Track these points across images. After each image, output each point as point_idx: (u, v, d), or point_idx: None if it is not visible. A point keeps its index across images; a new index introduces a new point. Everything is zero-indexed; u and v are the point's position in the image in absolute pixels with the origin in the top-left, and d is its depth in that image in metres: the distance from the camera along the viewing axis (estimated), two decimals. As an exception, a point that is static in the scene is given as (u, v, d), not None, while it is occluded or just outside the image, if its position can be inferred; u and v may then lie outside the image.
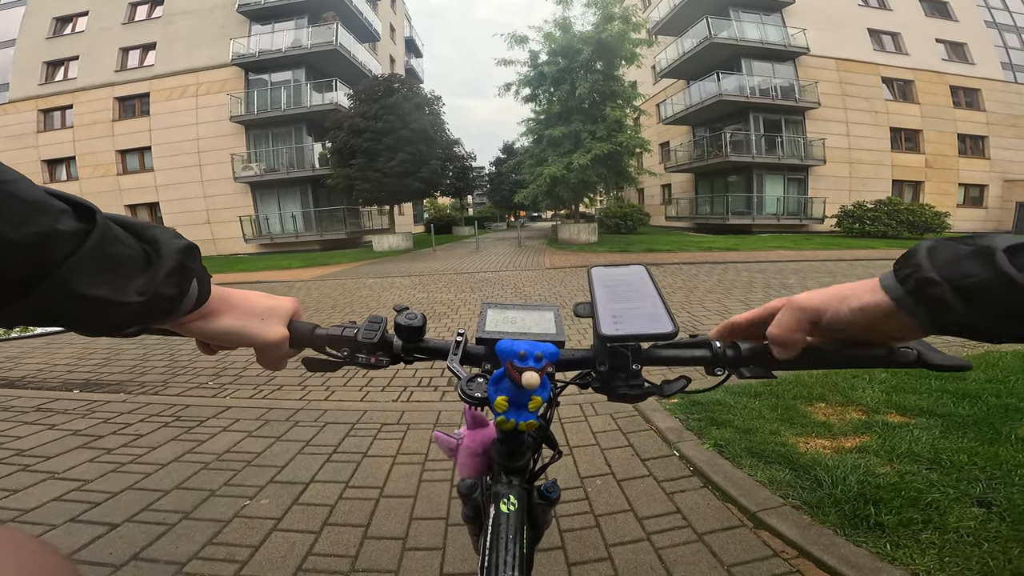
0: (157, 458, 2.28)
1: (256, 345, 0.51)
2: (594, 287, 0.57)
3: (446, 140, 18.47)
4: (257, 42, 18.71)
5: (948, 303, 0.35)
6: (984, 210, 21.17)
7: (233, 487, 2.01)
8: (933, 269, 0.36)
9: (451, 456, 0.77)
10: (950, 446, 1.99)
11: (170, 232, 0.41)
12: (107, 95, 19.67)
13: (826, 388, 2.71)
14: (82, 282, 0.32)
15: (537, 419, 0.52)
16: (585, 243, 15.67)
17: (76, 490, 2.00)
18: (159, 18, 19.42)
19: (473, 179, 35.88)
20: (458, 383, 0.52)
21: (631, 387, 0.53)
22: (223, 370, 3.79)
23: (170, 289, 0.39)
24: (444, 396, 3.05)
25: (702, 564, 1.49)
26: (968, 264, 0.34)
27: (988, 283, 0.33)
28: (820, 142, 19.10)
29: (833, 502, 1.68)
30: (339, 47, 18.23)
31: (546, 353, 0.50)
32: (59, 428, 2.67)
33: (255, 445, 2.39)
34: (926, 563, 1.38)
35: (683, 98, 20.95)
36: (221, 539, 1.66)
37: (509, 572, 0.48)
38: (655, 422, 2.46)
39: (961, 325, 0.36)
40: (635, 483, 1.97)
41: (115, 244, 0.35)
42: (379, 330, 0.56)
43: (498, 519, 0.54)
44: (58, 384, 3.61)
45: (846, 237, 16.24)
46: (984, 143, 21.30)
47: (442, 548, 1.60)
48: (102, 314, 0.35)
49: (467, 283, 8.47)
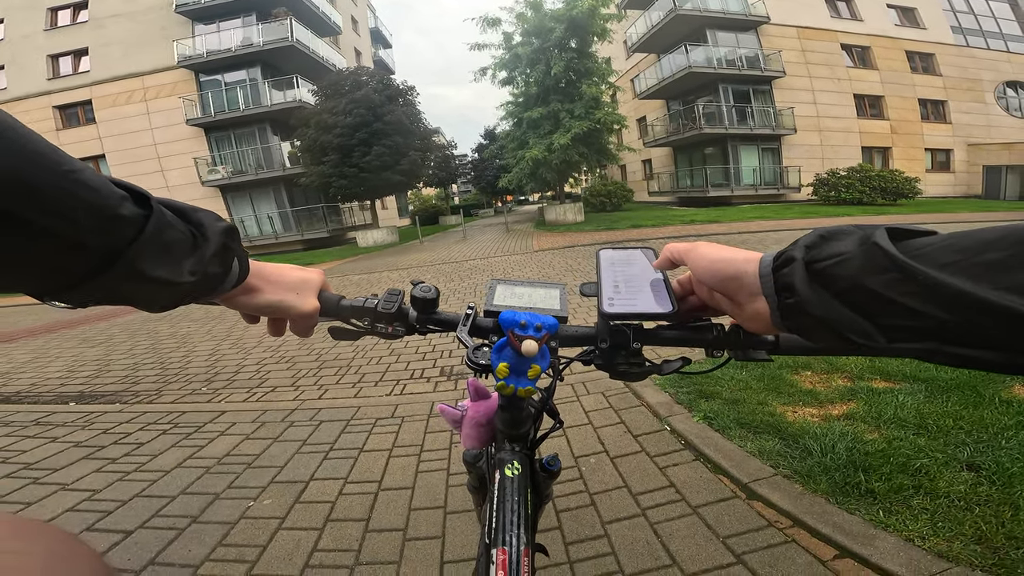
0: (160, 465, 2.30)
1: (292, 317, 0.55)
2: (601, 267, 0.58)
3: (424, 130, 18.03)
4: (203, 42, 17.70)
5: (793, 284, 0.33)
6: (952, 174, 21.53)
7: (236, 489, 2.03)
8: (803, 247, 0.34)
9: (455, 428, 0.80)
10: (935, 411, 2.01)
11: (213, 215, 0.43)
12: (44, 104, 18.47)
13: (811, 356, 2.75)
14: (147, 264, 0.35)
15: (535, 386, 0.54)
16: (572, 223, 15.69)
17: (87, 500, 2.03)
18: (86, 22, 18.12)
19: (456, 167, 35.50)
20: (466, 352, 0.55)
21: (631, 365, 0.54)
22: (215, 375, 3.76)
23: (216, 268, 0.43)
24: (437, 387, 3.06)
25: (697, 537, 1.51)
26: (843, 242, 0.32)
27: (850, 259, 0.30)
28: (789, 111, 19.27)
29: (823, 470, 1.70)
30: (296, 43, 17.47)
31: (546, 324, 0.53)
32: (61, 440, 2.68)
33: (253, 447, 2.41)
34: (919, 528, 1.39)
35: (655, 72, 20.87)
36: (230, 540, 1.69)
37: (515, 531, 0.50)
38: (645, 398, 2.50)
39: (801, 314, 0.33)
40: (628, 460, 2.00)
41: (169, 229, 0.37)
42: (397, 301, 0.59)
43: (503, 483, 0.56)
44: (53, 397, 3.58)
45: (823, 205, 16.48)
46: (944, 107, 21.61)
47: (441, 536, 1.63)
48: (161, 293, 0.39)
49: (456, 272, 8.43)
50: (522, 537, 0.50)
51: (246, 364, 3.98)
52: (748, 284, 0.39)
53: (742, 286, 0.40)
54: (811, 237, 0.34)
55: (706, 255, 0.44)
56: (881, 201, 15.92)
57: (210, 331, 5.52)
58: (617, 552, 1.49)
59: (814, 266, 0.32)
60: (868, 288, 0.29)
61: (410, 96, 17.32)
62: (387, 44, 37.92)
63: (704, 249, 0.45)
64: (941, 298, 0.25)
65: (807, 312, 0.33)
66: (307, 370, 3.65)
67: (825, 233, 0.34)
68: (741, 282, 0.40)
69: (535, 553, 0.58)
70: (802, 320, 0.34)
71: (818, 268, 0.32)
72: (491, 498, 0.56)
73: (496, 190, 30.79)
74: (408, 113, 16.73)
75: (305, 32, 18.43)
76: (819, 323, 0.32)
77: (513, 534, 0.50)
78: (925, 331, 0.27)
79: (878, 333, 0.29)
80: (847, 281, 0.30)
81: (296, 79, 18.16)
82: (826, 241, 0.33)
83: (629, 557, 1.47)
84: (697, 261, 0.45)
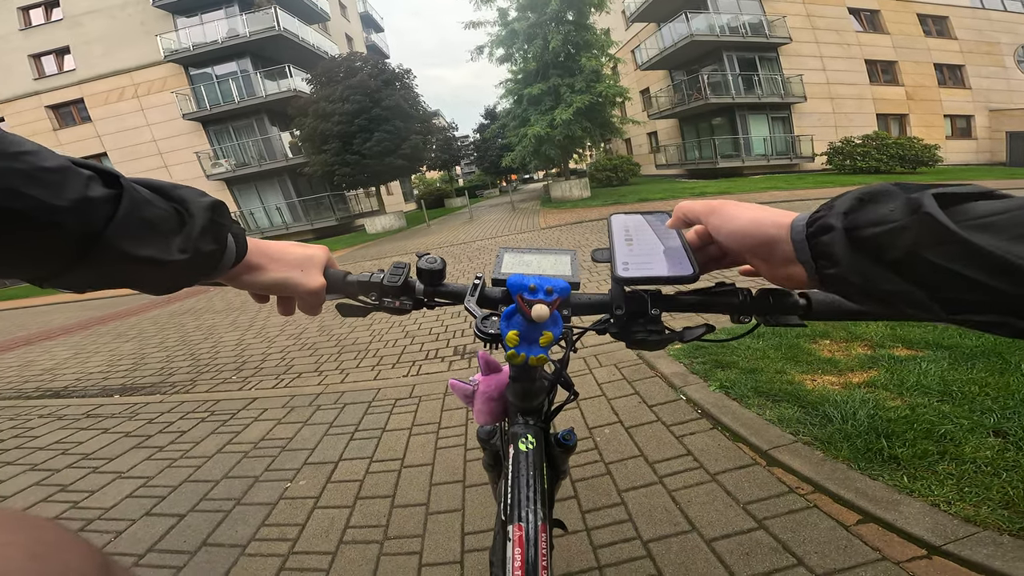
0: (202, 451, 2.41)
1: (298, 294, 0.54)
2: (613, 232, 0.54)
3: (423, 113, 17.77)
4: (188, 36, 17.46)
5: (833, 254, 0.31)
6: (974, 141, 20.75)
7: (274, 472, 2.13)
8: (840, 213, 0.32)
9: (467, 403, 0.77)
10: (960, 378, 1.96)
11: (196, 191, 0.42)
12: (35, 105, 18.52)
13: (829, 325, 2.68)
14: (129, 244, 0.35)
15: (547, 354, 0.51)
16: (578, 199, 15.54)
17: (142, 487, 2.15)
18: (60, 20, 17.89)
19: (458, 149, 35.12)
20: (474, 322, 0.52)
21: (649, 333, 0.50)
22: (243, 364, 3.87)
23: (209, 245, 0.42)
24: (451, 366, 3.12)
25: (717, 503, 1.51)
26: (886, 206, 0.29)
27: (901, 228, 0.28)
28: (797, 78, 18.63)
29: (845, 437, 1.68)
30: (284, 32, 17.17)
31: (556, 287, 0.50)
32: (112, 431, 2.81)
33: (285, 431, 2.50)
34: (945, 493, 1.38)
35: (656, 41, 20.21)
36: (272, 520, 1.78)
37: (531, 507, 0.48)
38: (659, 368, 2.50)
39: (845, 283, 0.32)
40: (643, 429, 2.01)
41: (148, 207, 0.37)
42: (403, 275, 0.57)
43: (517, 458, 0.54)
44: (99, 391, 3.73)
45: (838, 174, 15.99)
46: (962, 72, 20.74)
47: (461, 509, 1.69)
48: (155, 273, 0.38)
49: (463, 253, 8.44)
50: (539, 512, 0.48)
51: (271, 352, 4.08)
52: (781, 251, 0.37)
53: (774, 252, 0.38)
54: (847, 201, 0.32)
55: (730, 219, 0.41)
56: (900, 169, 15.36)
57: (234, 322, 5.64)
58: (635, 519, 1.51)
59: (856, 233, 0.30)
60: (927, 260, 0.26)
61: (407, 80, 17.05)
62: (379, 28, 37.25)
63: (728, 210, 0.41)
64: (1015, 275, 0.23)
65: (850, 281, 0.31)
66: (328, 356, 3.73)
67: (863, 196, 0.31)
68: (772, 248, 0.37)
69: (553, 528, 0.58)
70: (847, 288, 0.32)
71: (862, 236, 0.30)
72: (506, 474, 0.55)
73: (500, 170, 30.44)
74: (406, 97, 16.48)
75: (292, 20, 18.08)
76: (865, 292, 0.31)
77: (529, 509, 0.48)
78: (992, 304, 0.25)
79: (936, 305, 0.27)
80: (899, 251, 0.28)
81: (288, 68, 17.92)
82: (866, 205, 0.31)
83: (647, 523, 1.48)
84: (721, 226, 0.41)
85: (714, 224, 0.42)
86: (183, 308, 7.37)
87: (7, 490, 2.27)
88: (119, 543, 1.77)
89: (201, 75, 18.23)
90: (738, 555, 1.32)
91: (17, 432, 3.00)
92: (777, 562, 1.28)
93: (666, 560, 1.35)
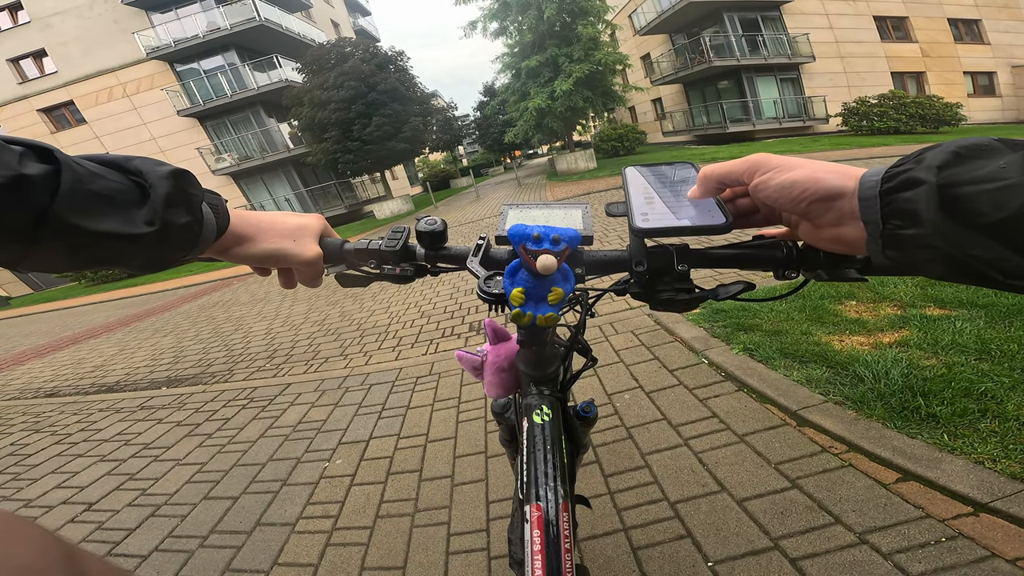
0: (247, 436, 2.51)
1: (294, 264, 0.53)
2: (628, 183, 0.47)
3: (421, 95, 17.46)
4: (167, 31, 17.16)
5: (916, 212, 0.28)
6: (999, 99, 19.67)
7: (313, 453, 2.20)
8: (932, 167, 0.28)
9: (477, 376, 0.71)
10: (998, 336, 1.89)
11: (153, 161, 0.40)
12: (26, 109, 18.37)
13: (854, 286, 2.61)
14: (84, 219, 0.33)
15: (558, 313, 0.45)
16: (585, 170, 15.35)
17: (199, 472, 2.25)
18: (29, 23, 17.61)
19: (459, 129, 34.65)
20: (477, 283, 0.47)
21: (677, 292, 0.44)
22: (274, 352, 3.97)
23: (181, 217, 0.40)
24: (467, 342, 3.16)
25: (747, 464, 1.50)
26: (994, 162, 0.26)
27: (1017, 186, 0.24)
28: (804, 37, 17.82)
29: (878, 396, 1.65)
30: (265, 22, 16.77)
31: (564, 236, 0.43)
32: (165, 422, 2.93)
33: (319, 414, 2.58)
34: (989, 451, 1.34)
35: (654, 5, 19.45)
36: (315, 499, 1.85)
37: (550, 483, 0.44)
38: (679, 333, 2.48)
39: (919, 247, 0.28)
40: (665, 393, 2.00)
41: (97, 180, 0.35)
42: (401, 238, 0.53)
43: (532, 431, 0.50)
44: (148, 384, 3.87)
45: (855, 136, 15.35)
46: (979, 27, 19.60)
47: (485, 479, 1.74)
48: (128, 248, 0.37)
49: (472, 232, 8.44)
50: (559, 490, 0.44)
51: (299, 340, 4.17)
52: (840, 207, 0.33)
53: (830, 209, 0.34)
54: (942, 154, 0.28)
55: (784, 169, 0.36)
56: (921, 129, 14.66)
57: (260, 312, 5.76)
58: (660, 481, 1.51)
59: (953, 191, 0.26)
60: None
61: (400, 62, 16.71)
62: (365, 12, 36.36)
63: (777, 162, 0.37)
64: None
65: (930, 245, 0.27)
66: (351, 339, 3.81)
67: (961, 150, 0.27)
68: (830, 204, 0.33)
69: (575, 506, 0.53)
70: (916, 253, 0.29)
71: (959, 194, 0.26)
72: (521, 448, 0.50)
73: (503, 146, 30.02)
74: (402, 79, 16.21)
75: (272, 9, 17.66)
76: (947, 258, 0.27)
77: (548, 487, 0.44)
78: None
79: None
80: (1005, 213, 0.24)
81: (276, 59, 17.65)
82: (966, 161, 0.27)
83: (673, 485, 1.48)
84: (769, 180, 0.36)
85: (761, 178, 0.37)
86: (211, 301, 7.53)
87: (82, 481, 2.39)
88: (184, 526, 1.85)
89: (188, 71, 18.02)
90: (772, 514, 1.32)
91: (83, 426, 3.15)
92: (813, 520, 1.28)
93: (695, 520, 1.35)
